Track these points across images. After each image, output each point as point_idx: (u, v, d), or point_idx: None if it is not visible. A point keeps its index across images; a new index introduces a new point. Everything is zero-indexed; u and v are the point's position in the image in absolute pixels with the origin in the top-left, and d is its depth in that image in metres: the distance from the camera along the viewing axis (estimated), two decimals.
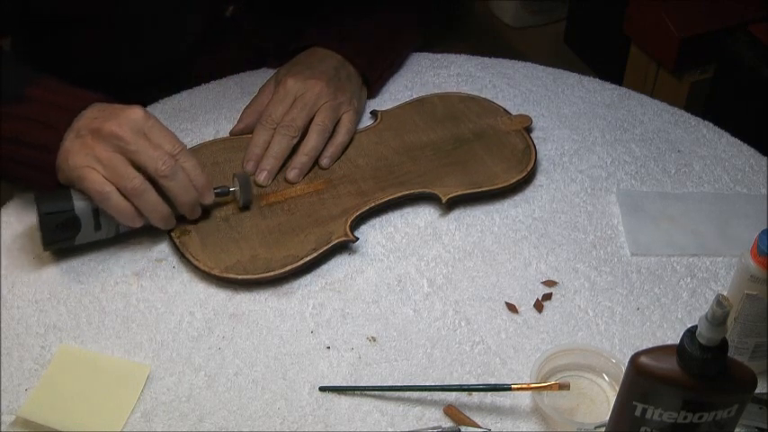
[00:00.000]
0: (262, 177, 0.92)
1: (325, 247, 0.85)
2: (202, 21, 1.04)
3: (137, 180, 0.79)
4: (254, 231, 0.87)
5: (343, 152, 0.96)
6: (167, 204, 0.82)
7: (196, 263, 0.84)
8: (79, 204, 0.81)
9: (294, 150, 0.94)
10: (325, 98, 0.96)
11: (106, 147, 0.79)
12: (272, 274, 0.83)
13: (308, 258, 0.84)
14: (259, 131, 0.95)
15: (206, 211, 0.88)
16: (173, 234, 0.86)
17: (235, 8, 1.06)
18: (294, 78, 0.97)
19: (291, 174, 0.93)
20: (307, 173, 0.94)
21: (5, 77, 0.86)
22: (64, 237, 0.82)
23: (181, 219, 0.86)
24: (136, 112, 0.81)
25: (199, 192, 0.84)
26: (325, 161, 0.95)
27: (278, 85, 0.98)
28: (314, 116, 0.95)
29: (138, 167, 0.80)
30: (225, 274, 0.83)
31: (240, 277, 0.83)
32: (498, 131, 0.99)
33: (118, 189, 0.79)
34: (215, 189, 0.86)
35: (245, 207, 0.88)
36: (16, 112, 0.83)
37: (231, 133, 0.99)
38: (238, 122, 0.99)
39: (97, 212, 0.82)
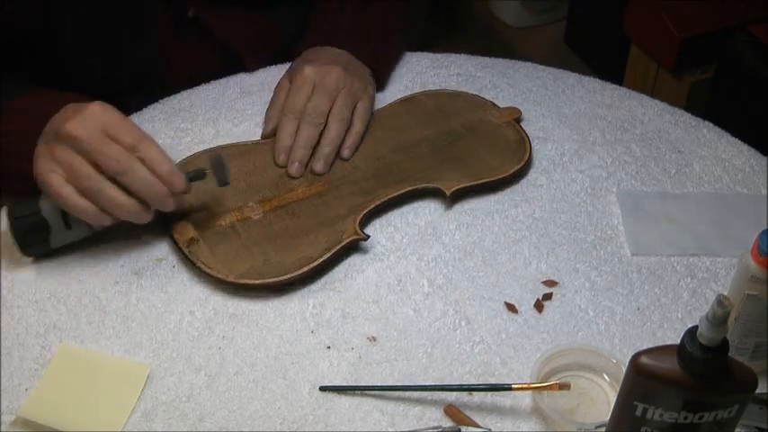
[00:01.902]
0: (294, 169, 0.93)
1: (337, 247, 0.85)
2: (164, 23, 1.03)
3: (91, 179, 0.78)
4: (262, 236, 0.86)
5: (360, 141, 0.97)
6: (132, 198, 0.80)
7: (209, 270, 0.83)
8: (45, 206, 0.81)
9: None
10: (343, 84, 0.97)
11: (65, 149, 0.79)
12: (288, 276, 0.83)
13: (323, 258, 0.84)
14: (284, 123, 0.95)
15: (209, 219, 0.88)
16: (181, 245, 0.86)
17: (196, 8, 1.05)
18: (311, 65, 0.97)
19: (318, 165, 0.93)
20: (331, 163, 0.94)
21: None
22: (36, 240, 0.83)
23: (176, 217, 0.86)
24: (93, 110, 0.80)
25: (165, 181, 0.81)
26: (346, 152, 0.95)
27: (295, 74, 0.98)
28: (333, 103, 0.96)
29: (99, 167, 0.79)
30: (240, 280, 0.83)
31: (257, 282, 0.82)
32: (490, 125, 1.00)
33: (78, 189, 0.79)
34: (188, 174, 0.84)
35: (223, 185, 0.86)
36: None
37: (263, 135, 0.99)
38: (267, 124, 0.99)
39: (65, 213, 0.82)
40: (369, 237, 0.87)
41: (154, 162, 0.80)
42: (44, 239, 0.83)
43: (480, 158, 0.96)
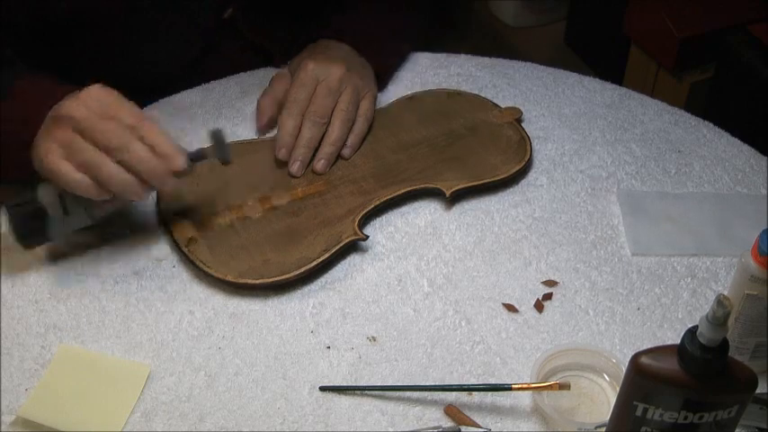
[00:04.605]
0: (295, 168, 0.93)
1: (336, 247, 0.85)
2: (203, 24, 1.04)
3: (87, 152, 0.77)
4: (261, 236, 0.86)
5: (362, 141, 0.97)
6: (129, 173, 0.79)
7: (208, 270, 0.83)
8: (43, 193, 0.80)
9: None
10: (346, 82, 0.96)
11: (64, 129, 0.78)
12: (287, 276, 0.83)
13: (321, 259, 0.84)
14: (286, 118, 0.95)
15: (209, 218, 0.88)
16: (180, 243, 0.86)
17: (233, 9, 1.06)
18: (315, 61, 0.97)
19: (319, 165, 0.93)
20: (333, 163, 0.94)
21: None
22: (34, 227, 0.81)
23: (175, 216, 0.85)
24: (92, 91, 0.80)
25: (164, 159, 0.79)
26: (347, 151, 0.95)
27: (298, 69, 0.98)
28: (337, 101, 0.96)
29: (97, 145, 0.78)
30: (240, 280, 0.82)
31: (257, 282, 0.82)
32: (491, 125, 1.00)
33: (75, 164, 0.78)
34: (189, 153, 0.82)
35: (225, 162, 0.84)
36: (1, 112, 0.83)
37: (258, 128, 0.99)
38: (260, 116, 0.99)
39: (63, 198, 0.80)
40: (368, 237, 0.87)
41: (154, 141, 0.79)
42: (41, 227, 0.81)
43: (481, 159, 0.96)
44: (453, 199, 0.92)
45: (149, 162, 0.79)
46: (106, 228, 0.87)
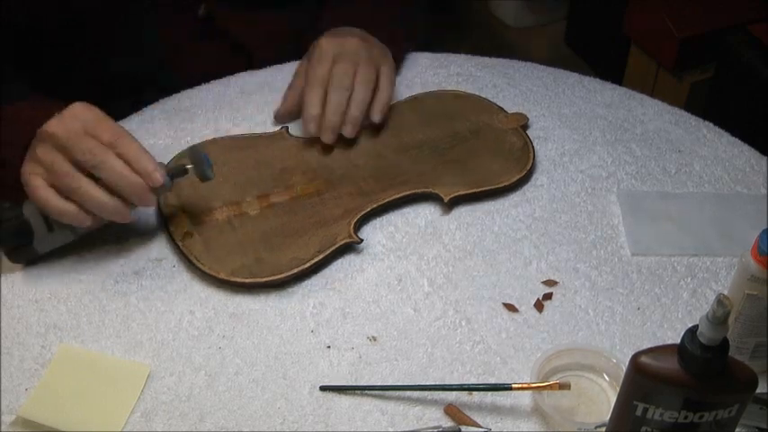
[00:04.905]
0: (327, 136, 0.93)
1: (330, 249, 0.85)
2: (174, 22, 1.04)
3: (70, 177, 0.77)
4: (257, 233, 0.86)
5: (389, 104, 0.98)
6: (114, 196, 0.79)
7: (201, 266, 0.83)
8: (28, 210, 0.81)
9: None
10: (362, 51, 0.97)
11: (46, 149, 0.78)
12: (278, 277, 0.83)
13: (314, 261, 0.84)
14: (310, 93, 0.95)
15: (206, 213, 0.88)
16: (175, 237, 0.86)
17: (207, 5, 1.05)
18: (327, 39, 0.98)
19: (347, 129, 0.94)
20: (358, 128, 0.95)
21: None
22: (20, 242, 0.82)
23: (172, 211, 0.85)
24: (73, 109, 0.80)
25: (143, 176, 0.79)
26: (376, 117, 0.96)
27: (312, 49, 0.99)
28: (356, 70, 0.96)
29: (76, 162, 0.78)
30: (231, 278, 0.83)
31: (247, 281, 0.83)
32: (495, 129, 1.00)
33: (58, 189, 0.78)
34: (171, 170, 0.83)
35: (205, 180, 0.84)
36: None
37: (275, 115, 1.00)
38: (283, 103, 1.00)
39: (46, 216, 0.81)
40: (362, 241, 0.87)
41: (132, 157, 0.79)
42: (28, 244, 0.82)
43: (482, 164, 0.95)
44: (452, 204, 0.92)
45: (128, 178, 0.79)
46: (106, 228, 0.87)
